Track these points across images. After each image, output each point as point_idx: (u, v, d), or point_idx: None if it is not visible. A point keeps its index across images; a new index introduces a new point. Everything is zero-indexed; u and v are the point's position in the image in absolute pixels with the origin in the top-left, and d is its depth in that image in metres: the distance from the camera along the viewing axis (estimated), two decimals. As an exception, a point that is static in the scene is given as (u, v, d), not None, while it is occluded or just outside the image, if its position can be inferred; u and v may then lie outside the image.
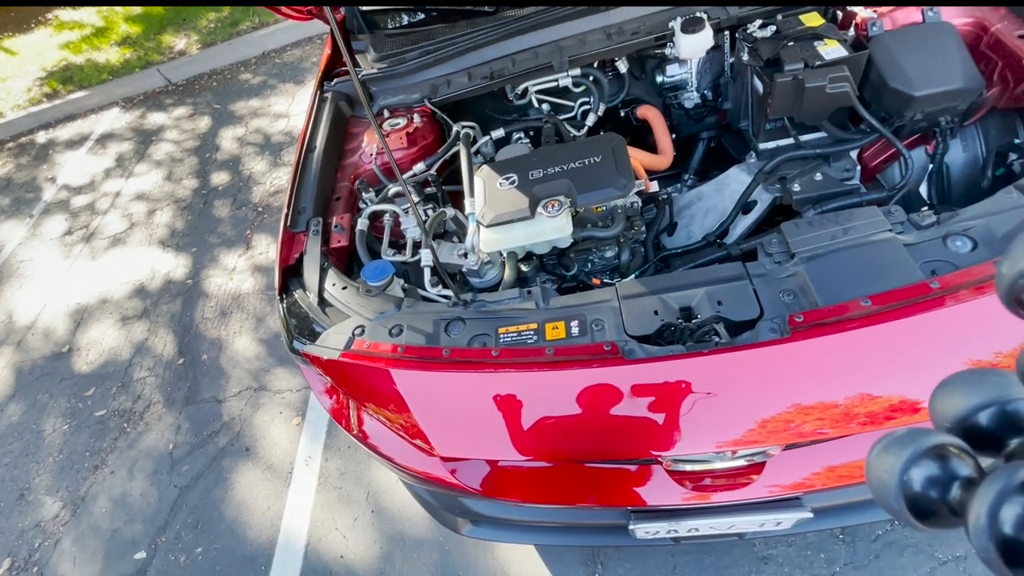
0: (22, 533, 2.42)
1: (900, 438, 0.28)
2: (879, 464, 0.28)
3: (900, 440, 0.27)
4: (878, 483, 0.28)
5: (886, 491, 0.27)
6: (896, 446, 0.27)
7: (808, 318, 0.94)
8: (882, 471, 0.28)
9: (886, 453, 0.28)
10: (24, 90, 5.37)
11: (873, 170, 1.47)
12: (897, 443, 0.27)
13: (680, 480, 1.12)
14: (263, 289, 3.06)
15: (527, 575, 1.81)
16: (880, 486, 0.28)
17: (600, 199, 1.28)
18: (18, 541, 2.40)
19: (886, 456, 0.28)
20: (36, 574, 2.27)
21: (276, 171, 3.75)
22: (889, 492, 0.27)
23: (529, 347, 1.04)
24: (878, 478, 0.28)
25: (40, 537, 2.38)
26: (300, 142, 1.62)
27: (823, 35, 1.35)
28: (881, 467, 0.28)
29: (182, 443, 2.51)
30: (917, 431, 0.27)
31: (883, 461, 0.28)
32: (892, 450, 0.27)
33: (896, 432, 0.28)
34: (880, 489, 0.28)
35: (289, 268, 1.37)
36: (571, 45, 1.57)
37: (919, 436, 0.27)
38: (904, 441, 0.27)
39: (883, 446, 0.28)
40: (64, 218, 4.09)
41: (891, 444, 0.28)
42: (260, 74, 4.69)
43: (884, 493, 0.27)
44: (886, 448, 0.28)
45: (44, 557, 2.31)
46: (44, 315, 3.40)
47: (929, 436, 0.27)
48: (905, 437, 0.27)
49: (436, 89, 1.66)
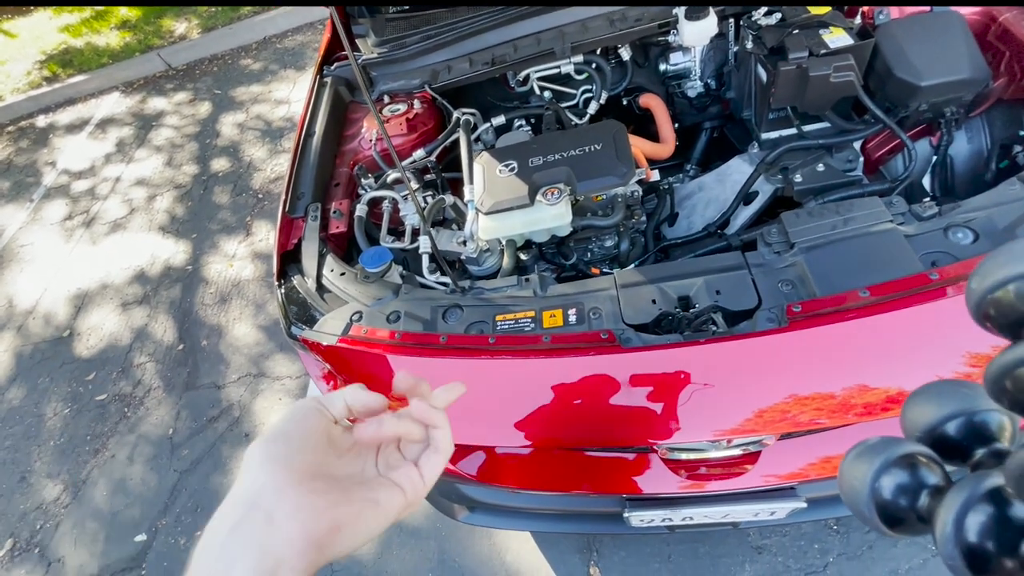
0: (24, 515, 2.44)
1: (872, 447, 0.29)
2: (851, 472, 0.29)
3: (872, 448, 0.28)
4: (850, 490, 0.29)
5: (858, 498, 0.28)
6: (868, 454, 0.28)
7: (806, 308, 0.94)
8: (854, 479, 0.28)
9: (858, 461, 0.29)
10: (24, 73, 5.33)
11: (876, 161, 1.45)
12: (869, 451, 0.28)
13: (675, 468, 1.13)
14: (263, 276, 3.06)
15: (523, 562, 1.83)
16: (852, 493, 0.29)
17: (600, 187, 1.27)
18: (20, 523, 2.42)
19: (858, 464, 0.28)
20: (38, 555, 2.30)
21: (276, 158, 3.73)
22: (860, 499, 0.28)
23: (526, 335, 1.04)
24: (850, 485, 0.29)
25: (41, 519, 2.41)
26: (299, 127, 1.61)
27: (829, 23, 1.33)
28: (853, 475, 0.29)
29: (182, 428, 2.53)
30: (888, 440, 0.28)
31: (855, 469, 0.29)
32: (864, 458, 0.28)
33: (869, 441, 0.29)
34: (852, 496, 0.29)
35: (287, 254, 1.37)
36: (574, 31, 1.55)
37: (890, 445, 0.28)
38: (876, 450, 0.28)
39: (855, 454, 0.29)
40: (64, 203, 4.08)
41: (863, 452, 0.29)
42: (261, 59, 4.66)
43: (856, 500, 0.28)
44: (858, 456, 0.29)
45: (45, 539, 2.34)
46: (45, 300, 3.40)
47: (900, 445, 0.28)
48: (877, 446, 0.28)
49: (437, 75, 1.64)
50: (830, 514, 1.34)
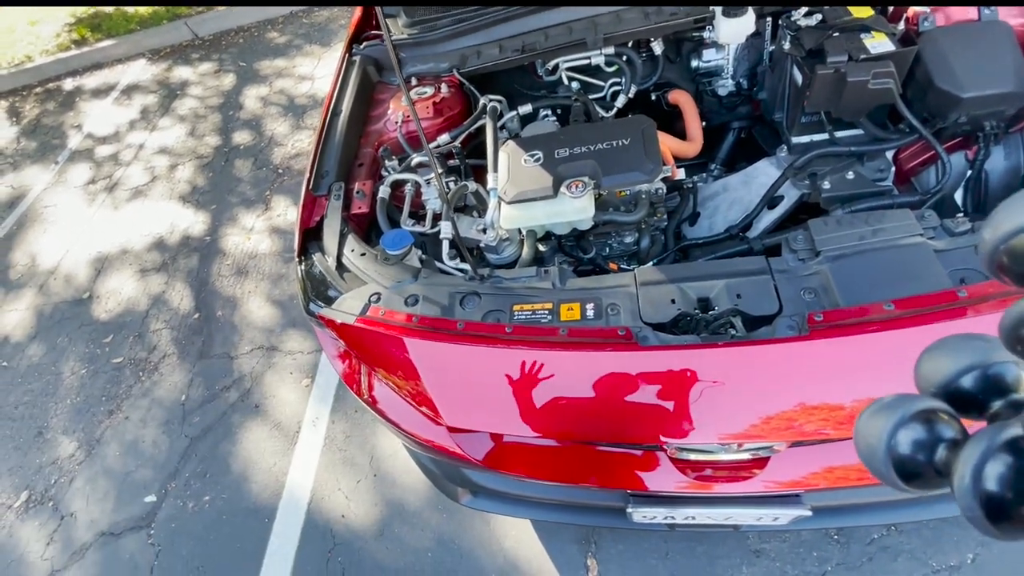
0: (39, 468, 2.52)
1: (888, 404, 0.28)
2: (868, 429, 0.29)
3: (888, 405, 0.28)
4: (866, 447, 0.29)
5: (874, 455, 0.28)
6: (884, 411, 0.28)
7: (828, 317, 0.93)
8: (870, 435, 0.28)
9: (874, 418, 0.29)
10: (53, 35, 5.38)
11: (908, 172, 1.42)
12: (885, 408, 0.28)
13: (682, 468, 1.13)
14: (280, 251, 3.08)
15: (521, 548, 1.86)
16: (868, 450, 0.28)
17: (625, 183, 1.26)
18: (35, 476, 2.50)
19: (874, 421, 0.28)
20: (51, 508, 2.37)
21: (298, 134, 3.74)
22: (877, 456, 0.28)
23: (543, 326, 1.05)
24: (867, 442, 0.29)
25: (56, 474, 2.48)
26: (326, 105, 1.61)
27: (871, 27, 1.30)
28: (870, 431, 0.28)
29: (194, 395, 2.58)
30: (904, 396, 0.28)
31: (871, 426, 0.28)
32: (880, 415, 0.28)
33: (884, 399, 0.29)
34: (868, 453, 0.29)
35: (309, 231, 1.38)
36: (607, 22, 1.53)
37: (906, 401, 0.28)
38: (892, 406, 0.28)
39: (871, 412, 0.29)
40: (88, 167, 4.13)
41: (879, 409, 0.28)
42: (287, 33, 4.65)
43: (872, 457, 0.28)
44: (874, 413, 0.29)
45: (59, 493, 2.41)
46: (66, 261, 3.47)
47: (916, 401, 0.28)
48: (893, 402, 0.28)
49: (466, 59, 1.63)
50: (833, 524, 1.34)
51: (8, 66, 5.23)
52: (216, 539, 2.12)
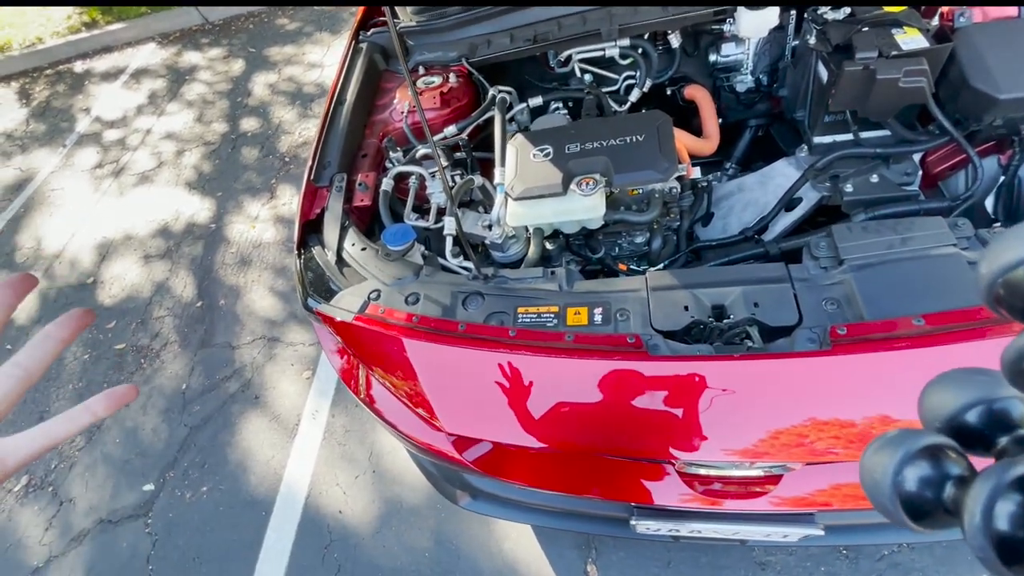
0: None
1: (892, 439, 0.28)
2: (873, 465, 0.28)
3: (893, 441, 0.28)
4: (872, 484, 0.28)
5: (880, 492, 0.28)
6: (889, 447, 0.28)
7: (852, 331, 0.87)
8: (876, 472, 0.28)
9: (879, 454, 0.28)
10: (64, 17, 5.35)
11: (936, 176, 1.36)
12: (890, 444, 0.28)
13: (690, 482, 1.08)
14: (284, 240, 3.05)
15: (520, 552, 1.82)
16: (874, 487, 0.28)
17: (639, 181, 1.20)
18: (36, 461, 2.49)
19: (879, 457, 0.28)
20: (51, 493, 2.37)
21: (305, 122, 3.70)
22: (883, 493, 0.27)
23: (548, 331, 1.00)
24: (872, 479, 0.28)
25: (56, 459, 2.47)
26: (331, 93, 1.56)
27: (903, 23, 1.23)
28: (875, 468, 0.28)
29: (195, 384, 2.56)
30: (909, 432, 0.28)
31: (877, 462, 0.28)
32: (885, 451, 0.28)
33: (888, 433, 0.28)
34: (874, 490, 0.28)
35: (309, 223, 1.34)
36: (623, 12, 1.46)
37: (911, 436, 0.28)
38: (897, 442, 0.28)
39: (876, 447, 0.29)
40: (96, 151, 4.12)
41: (884, 445, 0.28)
42: (297, 20, 4.59)
43: (879, 494, 0.28)
44: (879, 449, 0.28)
45: (59, 479, 2.41)
46: (71, 245, 3.46)
47: (921, 436, 0.27)
48: (897, 438, 0.28)
49: (475, 48, 1.57)
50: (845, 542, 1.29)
51: (19, 48, 5.22)
52: (213, 530, 2.11)
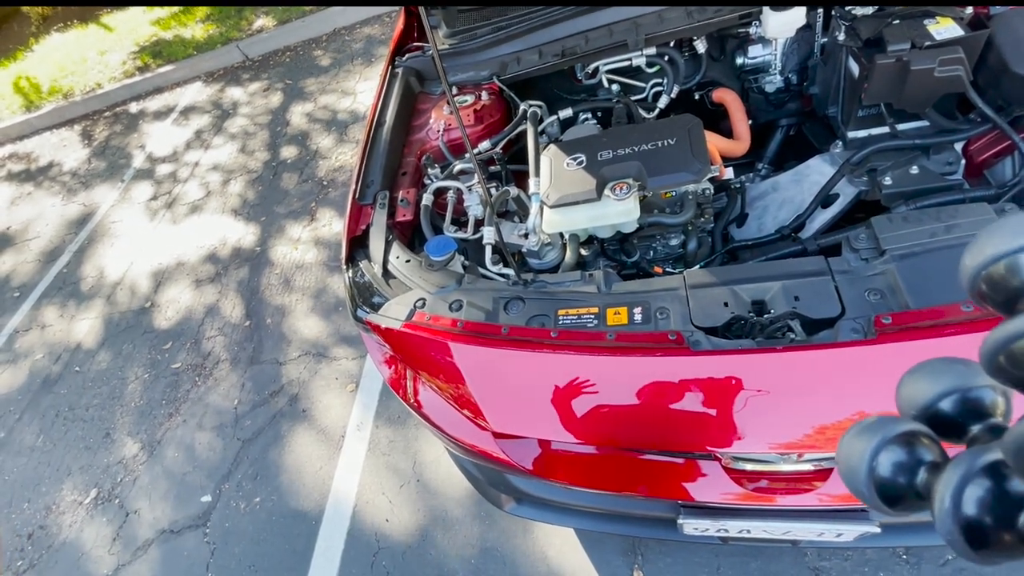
0: (107, 468, 2.68)
1: (869, 426, 0.29)
2: (850, 451, 0.29)
3: (869, 428, 0.28)
4: (848, 469, 0.29)
5: (856, 476, 0.28)
6: (866, 433, 0.28)
7: (897, 320, 0.87)
8: (852, 457, 0.29)
9: (856, 440, 0.29)
10: (119, 63, 5.79)
11: (980, 165, 1.33)
12: (867, 430, 0.28)
13: (738, 479, 1.08)
14: (325, 260, 3.18)
15: (565, 559, 1.82)
16: (850, 472, 0.29)
17: (672, 183, 1.23)
18: (103, 475, 2.66)
19: (856, 443, 0.29)
20: (117, 506, 2.51)
21: (341, 147, 3.87)
22: (859, 478, 0.28)
23: (589, 331, 1.03)
24: (848, 464, 0.29)
25: (122, 473, 2.63)
26: (370, 116, 1.65)
27: (935, 12, 1.22)
28: (852, 453, 0.29)
29: (246, 400, 2.68)
30: (885, 419, 0.28)
31: (854, 447, 0.29)
32: (862, 437, 0.29)
33: (865, 420, 0.29)
34: (850, 475, 0.29)
35: (356, 239, 1.41)
36: (648, 23, 1.50)
37: (887, 424, 0.28)
38: (873, 428, 0.28)
39: (853, 434, 0.29)
40: (150, 184, 4.41)
41: (861, 431, 0.29)
42: (330, 52, 4.83)
43: (854, 478, 0.29)
44: (856, 435, 0.29)
45: (124, 492, 2.55)
46: (131, 273, 3.69)
47: (896, 423, 0.28)
48: (874, 425, 0.28)
49: (505, 66, 1.64)
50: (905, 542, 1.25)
51: (81, 93, 5.67)
52: (267, 539, 2.19)
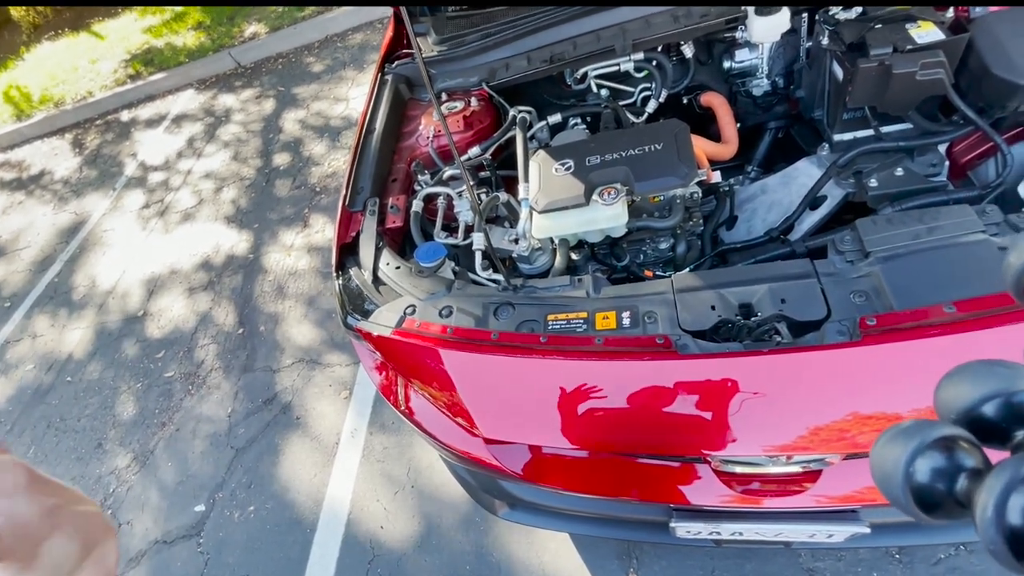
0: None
1: (906, 430, 0.28)
2: (884, 455, 0.28)
3: (906, 432, 0.27)
4: (883, 475, 0.28)
5: (891, 482, 0.27)
6: (902, 437, 0.27)
7: (881, 322, 0.88)
8: (887, 462, 0.27)
9: (891, 444, 0.28)
10: (111, 71, 5.77)
11: (964, 166, 1.34)
12: (903, 435, 0.27)
13: (728, 482, 1.08)
14: (318, 267, 3.18)
15: (560, 563, 1.82)
16: (885, 478, 0.28)
17: (659, 188, 1.24)
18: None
19: (891, 447, 0.28)
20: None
21: (334, 153, 3.87)
22: (895, 484, 0.27)
23: (578, 336, 1.03)
24: (883, 469, 0.28)
25: (115, 483, 2.60)
26: (360, 123, 1.65)
27: (917, 17, 1.24)
28: (887, 459, 0.28)
29: (239, 408, 2.67)
30: (923, 423, 0.27)
31: (888, 452, 0.28)
32: (898, 441, 0.27)
33: (901, 424, 0.28)
34: (885, 481, 0.28)
35: (346, 246, 1.41)
36: (635, 28, 1.51)
37: (925, 428, 0.27)
38: (910, 433, 0.27)
39: (888, 437, 0.28)
40: (142, 192, 4.39)
41: (897, 435, 0.28)
42: (322, 58, 4.83)
43: (889, 484, 0.27)
44: (892, 440, 0.28)
45: (118, 502, 2.53)
46: (123, 281, 3.67)
47: (935, 428, 0.27)
48: (911, 429, 0.27)
49: (494, 72, 1.65)
50: (894, 542, 1.26)
51: (72, 102, 5.65)
52: (261, 548, 2.18)
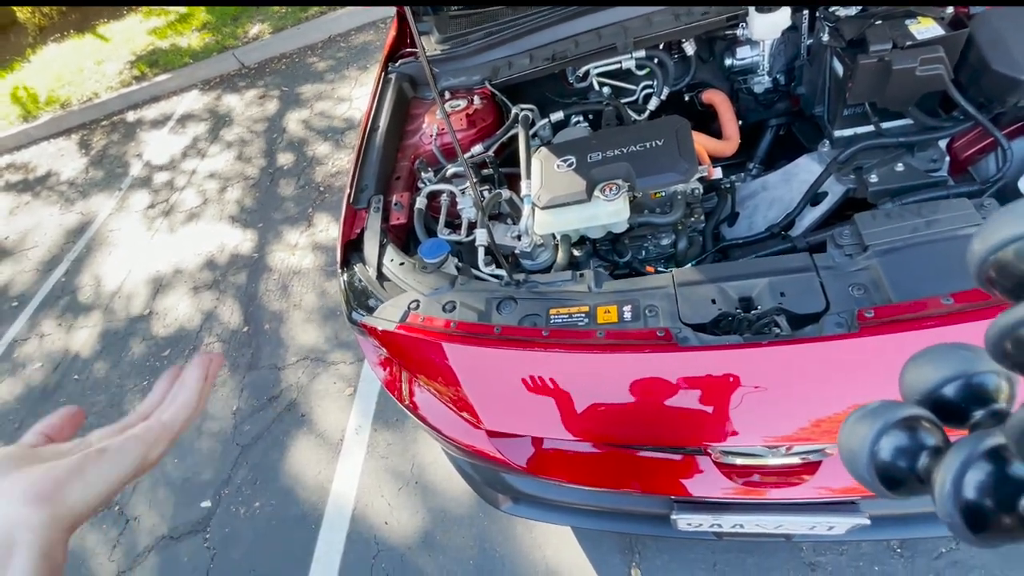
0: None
1: (872, 411, 0.29)
2: (851, 435, 0.29)
3: (872, 412, 0.29)
4: (850, 454, 0.29)
5: (857, 461, 0.29)
6: (868, 418, 0.29)
7: (879, 314, 0.89)
8: (854, 442, 0.29)
9: (858, 424, 0.29)
10: (116, 73, 5.81)
11: (964, 161, 1.35)
12: (869, 415, 0.29)
13: (728, 473, 1.10)
14: (322, 265, 3.20)
15: (563, 557, 1.83)
16: (852, 456, 0.29)
17: (660, 184, 1.25)
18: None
19: (858, 427, 0.29)
20: (117, 512, 2.52)
21: (338, 153, 3.89)
22: (860, 462, 0.29)
23: (580, 329, 1.04)
24: (850, 449, 0.29)
25: (121, 480, 2.63)
26: (364, 122, 1.67)
27: (916, 12, 1.25)
28: (853, 438, 0.29)
29: (244, 406, 2.69)
30: (888, 404, 0.29)
31: (855, 432, 0.29)
32: (864, 422, 0.29)
33: (867, 405, 0.30)
34: (852, 459, 0.29)
35: (351, 243, 1.43)
36: (637, 26, 1.53)
37: (890, 408, 0.29)
38: (876, 413, 0.29)
39: (855, 418, 0.30)
40: (148, 193, 4.42)
41: (863, 416, 0.29)
42: (326, 58, 4.86)
43: (856, 463, 0.29)
44: (858, 420, 0.29)
45: (124, 498, 2.55)
46: (129, 281, 3.71)
47: (899, 408, 0.29)
48: (877, 409, 0.29)
49: (497, 71, 1.66)
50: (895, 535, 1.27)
51: (78, 103, 5.69)
52: (267, 544, 2.20)
